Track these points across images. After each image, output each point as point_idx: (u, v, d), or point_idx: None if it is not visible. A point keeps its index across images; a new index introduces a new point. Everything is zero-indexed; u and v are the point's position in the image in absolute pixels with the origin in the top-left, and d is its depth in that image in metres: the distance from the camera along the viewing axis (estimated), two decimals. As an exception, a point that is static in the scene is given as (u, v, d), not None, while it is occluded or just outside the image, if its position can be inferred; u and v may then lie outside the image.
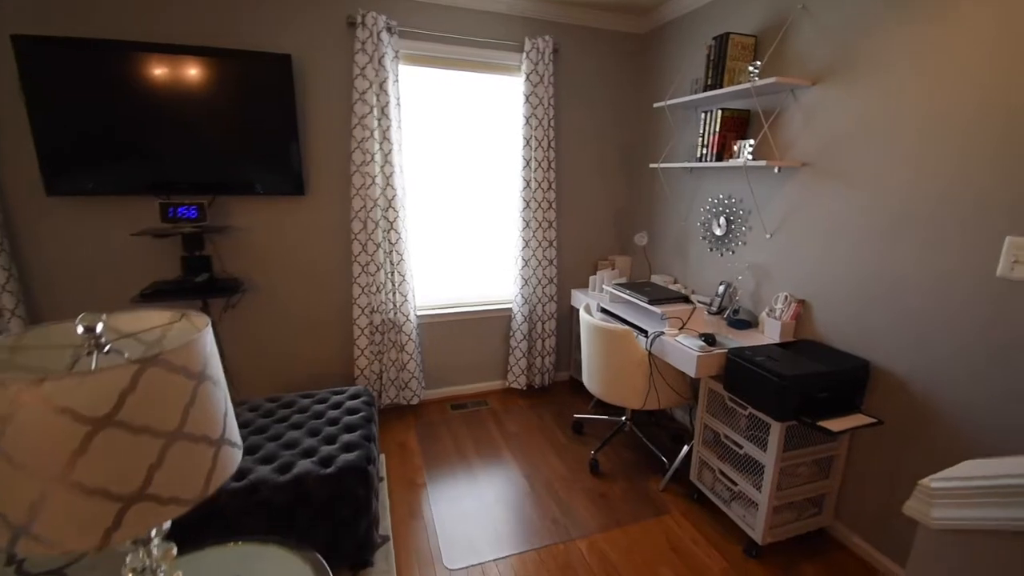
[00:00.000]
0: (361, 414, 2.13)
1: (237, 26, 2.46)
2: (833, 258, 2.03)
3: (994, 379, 1.54)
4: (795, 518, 2.02)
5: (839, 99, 1.95)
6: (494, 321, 3.30)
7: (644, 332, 2.38)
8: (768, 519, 1.93)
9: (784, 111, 2.19)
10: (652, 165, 2.83)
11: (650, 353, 2.30)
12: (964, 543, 0.86)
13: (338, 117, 2.70)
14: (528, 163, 3.01)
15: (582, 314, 2.55)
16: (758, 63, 2.14)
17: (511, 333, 3.27)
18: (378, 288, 2.85)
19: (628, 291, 2.57)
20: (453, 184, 3.08)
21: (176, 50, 2.29)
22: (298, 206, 2.74)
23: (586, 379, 2.62)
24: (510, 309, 3.28)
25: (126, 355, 0.86)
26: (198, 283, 2.46)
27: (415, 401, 3.08)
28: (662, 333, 2.25)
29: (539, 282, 3.18)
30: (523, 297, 3.17)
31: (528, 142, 2.98)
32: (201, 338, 0.75)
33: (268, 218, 2.70)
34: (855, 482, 2.00)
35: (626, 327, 2.31)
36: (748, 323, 2.37)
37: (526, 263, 3.14)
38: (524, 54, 2.87)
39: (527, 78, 2.89)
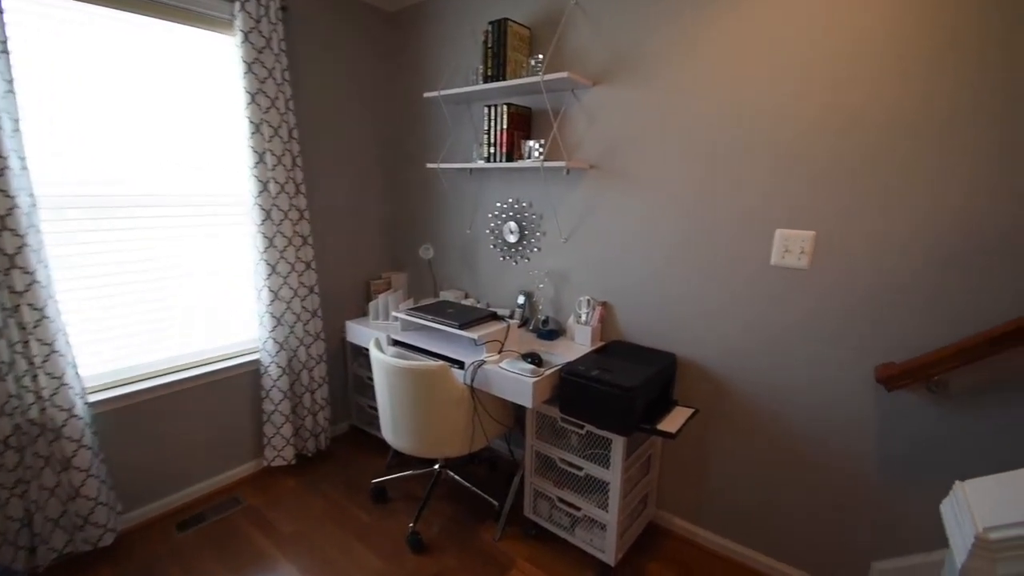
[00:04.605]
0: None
1: None
2: (628, 257, 2.06)
3: (771, 352, 1.76)
4: (630, 523, 1.99)
5: (618, 101, 1.96)
6: (233, 382, 2.32)
7: (456, 363, 1.98)
8: (619, 537, 1.83)
9: (568, 110, 2.11)
10: (430, 165, 2.42)
11: (472, 387, 1.92)
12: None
13: None
14: (262, 158, 2.18)
15: (374, 354, 1.97)
16: (540, 56, 1.99)
17: (264, 393, 2.36)
18: (-7, 375, 1.58)
19: (430, 316, 2.11)
20: (143, 189, 1.98)
21: None
22: None
23: (390, 436, 2.05)
24: (257, 361, 2.37)
25: None
26: None
27: (108, 540, 1.88)
28: (483, 362, 1.90)
29: (298, 318, 2.38)
30: (276, 342, 2.32)
31: (259, 128, 2.15)
32: None
33: None
34: (669, 468, 2.10)
35: (441, 363, 1.86)
36: (557, 332, 2.25)
37: (275, 295, 2.29)
38: (238, 4, 2.03)
39: (246, 38, 2.06)
